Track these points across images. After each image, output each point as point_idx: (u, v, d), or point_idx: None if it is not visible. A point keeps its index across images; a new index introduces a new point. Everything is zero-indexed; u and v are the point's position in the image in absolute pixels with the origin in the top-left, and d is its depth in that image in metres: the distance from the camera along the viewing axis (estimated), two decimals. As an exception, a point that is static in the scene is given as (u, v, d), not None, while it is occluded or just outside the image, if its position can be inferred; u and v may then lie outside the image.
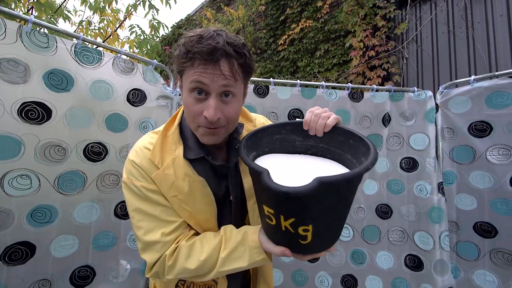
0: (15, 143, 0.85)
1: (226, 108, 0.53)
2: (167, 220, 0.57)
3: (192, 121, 0.55)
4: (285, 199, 0.42)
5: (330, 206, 0.46)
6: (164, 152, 0.59)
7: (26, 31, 0.85)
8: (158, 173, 0.57)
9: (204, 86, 0.51)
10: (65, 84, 0.93)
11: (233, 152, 0.64)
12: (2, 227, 0.86)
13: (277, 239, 0.51)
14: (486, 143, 1.25)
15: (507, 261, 1.22)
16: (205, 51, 0.48)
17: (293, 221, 0.45)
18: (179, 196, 0.57)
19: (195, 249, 0.56)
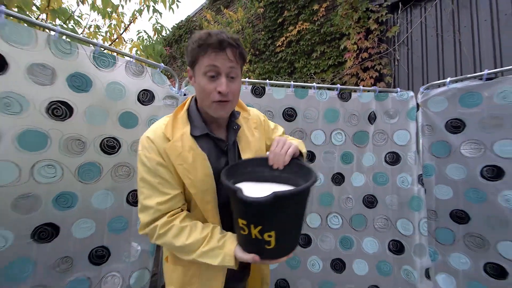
0: (43, 137, 0.98)
1: (232, 85, 0.70)
2: (163, 192, 0.70)
3: (207, 98, 0.70)
4: (252, 208, 0.57)
5: (286, 216, 0.61)
6: (174, 128, 0.73)
7: (53, 39, 0.98)
8: (169, 144, 0.70)
9: (216, 68, 0.67)
10: (85, 85, 1.06)
11: (231, 132, 0.80)
12: (32, 209, 0.99)
13: (248, 247, 0.64)
14: (460, 139, 1.39)
15: (478, 244, 1.36)
16: (216, 42, 0.66)
17: (260, 229, 0.59)
18: (184, 165, 0.70)
19: (184, 232, 0.69)
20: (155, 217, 0.69)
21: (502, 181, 1.27)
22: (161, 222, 0.69)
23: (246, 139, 0.82)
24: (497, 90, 1.26)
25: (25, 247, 0.99)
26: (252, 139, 0.83)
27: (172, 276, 0.80)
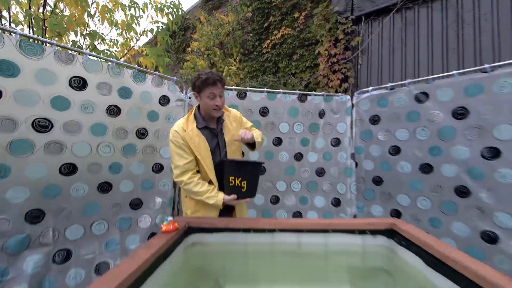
0: (103, 127, 1.57)
1: (221, 100, 1.33)
2: (185, 157, 1.34)
3: (210, 108, 1.32)
4: (240, 166, 1.30)
5: (251, 174, 1.31)
6: (188, 124, 1.36)
7: (111, 67, 1.57)
8: (187, 133, 1.33)
9: (214, 94, 1.30)
10: (128, 94, 1.66)
11: (219, 124, 1.43)
12: (97, 172, 1.60)
13: (233, 191, 1.30)
14: (377, 128, 2.06)
15: (387, 199, 2.05)
16: (212, 82, 1.28)
17: (240, 179, 1.25)
18: (194, 144, 1.33)
19: (199, 185, 1.34)
20: (182, 171, 1.35)
21: (399, 156, 1.95)
22: (186, 177, 1.34)
23: (228, 128, 1.45)
24: (396, 97, 1.92)
25: (94, 195, 1.60)
26: (231, 128, 1.46)
27: (189, 205, 1.44)
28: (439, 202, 1.74)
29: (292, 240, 1.27)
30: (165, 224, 1.08)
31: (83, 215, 1.55)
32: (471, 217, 1.59)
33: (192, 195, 1.38)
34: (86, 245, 1.55)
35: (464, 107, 1.59)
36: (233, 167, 1.32)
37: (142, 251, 0.90)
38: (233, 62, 5.06)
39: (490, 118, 1.48)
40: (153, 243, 0.97)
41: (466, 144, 1.59)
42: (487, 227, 1.52)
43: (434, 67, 3.00)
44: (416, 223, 1.86)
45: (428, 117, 1.76)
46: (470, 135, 1.57)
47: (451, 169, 1.67)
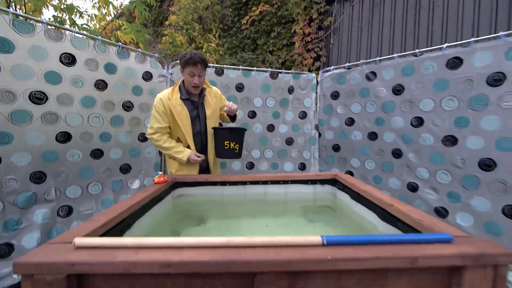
0: (93, 100, 1.75)
1: (200, 79, 1.57)
2: (161, 123, 1.59)
3: (189, 84, 1.57)
4: (234, 132, 1.63)
5: (240, 138, 1.67)
6: (173, 94, 1.60)
7: (96, 44, 1.71)
8: (171, 102, 1.57)
9: (193, 73, 1.54)
10: (114, 69, 1.82)
11: (200, 97, 1.66)
12: (89, 140, 1.80)
13: (227, 153, 1.63)
14: (337, 103, 2.40)
15: (343, 163, 2.46)
16: (192, 62, 1.52)
17: (234, 143, 1.61)
18: (177, 112, 1.58)
19: (167, 142, 1.62)
20: (154, 132, 1.62)
21: (353, 126, 2.32)
22: (156, 136, 1.62)
23: (208, 102, 1.70)
24: (352, 75, 2.24)
25: (88, 160, 1.81)
26: (212, 103, 1.71)
27: (173, 165, 1.71)
28: (380, 163, 2.16)
29: (260, 191, 1.61)
30: (157, 177, 1.36)
31: (79, 177, 1.77)
32: (402, 174, 2.03)
33: (161, 150, 1.68)
34: (85, 203, 1.80)
35: (401, 84, 1.95)
36: (229, 133, 1.60)
37: (140, 193, 1.19)
38: (213, 38, 5.09)
39: (418, 94, 1.86)
40: (148, 188, 1.26)
41: (401, 115, 1.98)
42: (411, 180, 1.96)
43: (394, 47, 3.34)
44: (364, 181, 2.30)
45: (375, 93, 2.11)
46: (404, 107, 1.95)
47: (390, 135, 2.07)
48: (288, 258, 0.58)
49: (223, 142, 1.60)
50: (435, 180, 1.80)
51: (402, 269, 0.62)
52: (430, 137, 1.82)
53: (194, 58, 1.50)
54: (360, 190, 1.25)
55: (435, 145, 1.78)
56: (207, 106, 1.69)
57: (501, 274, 0.62)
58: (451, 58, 1.66)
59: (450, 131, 1.70)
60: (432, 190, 1.83)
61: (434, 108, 1.78)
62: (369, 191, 1.19)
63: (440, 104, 1.74)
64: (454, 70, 1.66)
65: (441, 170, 1.76)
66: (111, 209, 0.96)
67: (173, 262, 0.57)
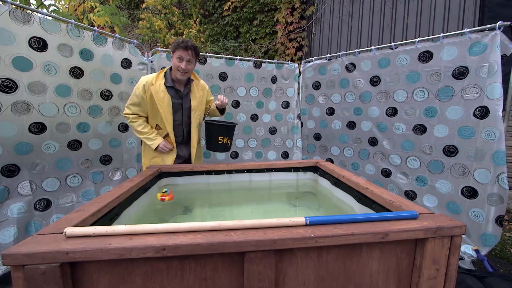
0: (68, 89, 1.67)
1: (189, 66, 1.55)
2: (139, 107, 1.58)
3: (175, 69, 1.54)
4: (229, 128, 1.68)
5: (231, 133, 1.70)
6: (157, 80, 1.56)
7: (70, 28, 1.60)
8: (154, 87, 1.53)
9: (182, 57, 1.51)
10: (89, 56, 1.73)
11: (186, 87, 1.64)
12: (66, 131, 1.72)
13: (220, 147, 1.67)
14: (318, 93, 2.48)
15: (325, 151, 2.57)
16: (184, 46, 1.51)
17: (227, 139, 1.67)
18: (158, 99, 1.54)
19: (142, 125, 1.60)
20: (131, 113, 1.60)
21: (333, 116, 2.42)
22: (133, 116, 1.60)
23: (194, 93, 1.67)
24: (332, 66, 2.32)
25: (65, 152, 1.74)
26: (198, 95, 1.68)
27: (147, 155, 1.68)
28: (358, 150, 2.29)
29: (245, 178, 1.66)
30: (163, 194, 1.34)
31: (57, 169, 1.71)
32: (377, 160, 2.17)
33: (134, 132, 1.65)
34: (64, 195, 1.74)
35: (377, 75, 2.05)
36: (225, 130, 1.64)
37: (127, 183, 1.18)
38: (193, 24, 4.92)
39: (393, 86, 1.97)
40: (134, 179, 1.25)
41: (377, 105, 2.09)
42: (384, 166, 2.11)
43: (372, 39, 3.46)
44: (343, 167, 2.43)
45: (354, 84, 2.21)
46: (380, 98, 2.06)
47: (367, 124, 2.19)
48: (274, 237, 0.64)
49: (217, 138, 1.63)
50: (406, 166, 1.96)
51: (374, 243, 0.70)
52: (402, 126, 1.95)
53: (187, 43, 1.49)
54: (338, 175, 1.34)
55: (406, 133, 1.93)
56: (192, 97, 1.66)
57: (456, 243, 0.73)
58: (422, 52, 1.77)
59: (420, 120, 1.84)
60: (403, 175, 1.99)
61: (406, 99, 1.90)
62: (347, 176, 1.28)
63: (412, 95, 1.87)
64: (425, 63, 1.78)
65: (412, 157, 1.92)
66: (98, 199, 0.96)
67: (168, 246, 0.60)
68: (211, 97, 1.82)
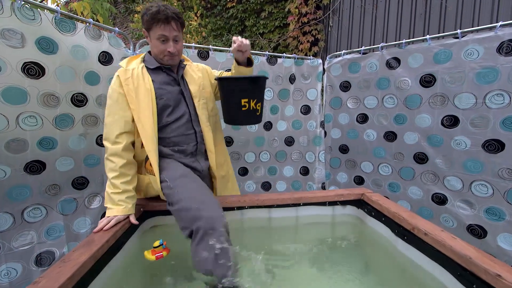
0: (22, 93, 1.22)
1: (177, 46, 1.08)
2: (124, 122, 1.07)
3: (161, 54, 1.06)
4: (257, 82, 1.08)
5: (262, 93, 1.13)
6: (129, 64, 1.11)
7: (17, 7, 1.15)
8: (122, 70, 1.06)
9: (165, 36, 1.03)
10: (52, 48, 1.28)
11: (180, 69, 1.17)
12: (22, 150, 1.27)
13: (247, 117, 1.10)
14: (347, 95, 2.01)
15: (353, 167, 2.10)
16: (163, 18, 0.99)
17: (255, 101, 1.06)
18: (130, 86, 1.04)
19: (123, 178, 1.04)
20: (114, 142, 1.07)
21: (367, 124, 1.95)
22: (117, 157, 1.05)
23: (191, 76, 1.20)
24: (368, 62, 1.84)
25: (21, 178, 1.30)
26: (196, 77, 1.21)
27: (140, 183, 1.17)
28: (399, 168, 1.83)
29: (263, 215, 1.20)
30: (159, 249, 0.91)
31: (9, 201, 1.26)
32: (426, 182, 1.70)
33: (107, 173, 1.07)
34: (20, 235, 1.30)
35: (431, 74, 1.58)
36: (245, 84, 1.06)
37: (100, 236, 0.73)
38: (194, 16, 4.45)
39: (454, 87, 1.50)
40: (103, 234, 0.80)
41: (429, 112, 1.62)
42: (437, 190, 1.64)
43: (402, 32, 2.98)
44: (376, 188, 1.96)
45: (397, 84, 1.74)
46: (434, 103, 1.59)
47: (412, 136, 1.73)
48: None
49: (239, 101, 1.07)
50: (470, 192, 1.50)
51: None
52: (466, 141, 1.48)
53: (165, 12, 0.99)
54: (412, 227, 0.87)
55: (472, 150, 1.46)
56: (190, 81, 1.18)
57: None
58: (506, 41, 1.30)
59: (495, 133, 1.37)
60: (465, 204, 1.53)
61: (474, 105, 1.44)
62: (429, 231, 0.81)
63: (484, 100, 1.40)
64: (509, 56, 1.30)
65: (479, 181, 1.45)
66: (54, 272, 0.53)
67: None
68: (216, 73, 1.34)
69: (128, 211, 1.01)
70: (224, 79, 1.11)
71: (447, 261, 0.73)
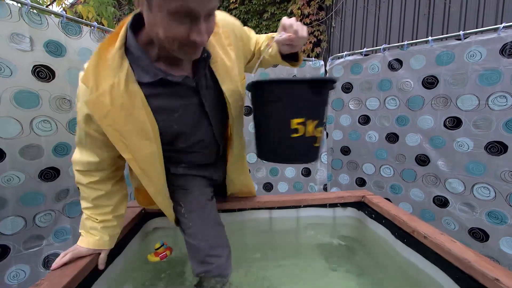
0: (35, 96, 1.25)
1: (210, 25, 0.51)
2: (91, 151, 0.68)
3: (172, 43, 0.50)
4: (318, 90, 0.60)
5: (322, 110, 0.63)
6: (99, 76, 0.55)
7: (25, 12, 1.18)
8: (91, 98, 0.55)
9: (191, 11, 0.45)
10: (60, 51, 1.31)
11: (201, 64, 0.62)
12: (37, 156, 1.30)
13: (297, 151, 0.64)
14: (349, 97, 2.01)
15: (355, 168, 2.11)
16: None
17: (317, 123, 0.61)
18: (114, 126, 0.57)
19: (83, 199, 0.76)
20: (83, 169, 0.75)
21: (368, 125, 1.96)
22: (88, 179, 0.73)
23: (224, 64, 0.65)
24: (370, 63, 1.85)
25: (35, 184, 1.31)
26: (230, 64, 0.66)
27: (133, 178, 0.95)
28: (400, 170, 1.83)
29: (264, 216, 1.22)
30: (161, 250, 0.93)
31: (22, 206, 1.28)
32: (427, 184, 1.70)
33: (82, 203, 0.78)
34: (29, 238, 1.33)
35: (434, 75, 1.58)
36: (305, 96, 0.62)
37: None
38: (197, 18, 4.48)
39: (457, 89, 1.50)
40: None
41: (431, 114, 1.62)
42: (439, 193, 1.64)
43: (405, 33, 2.97)
44: (378, 189, 1.97)
45: (399, 86, 1.74)
46: (437, 104, 1.59)
47: (414, 138, 1.72)
48: None
49: (287, 121, 0.63)
50: (472, 195, 1.49)
51: None
52: (468, 142, 1.48)
53: None
54: (412, 230, 0.88)
55: (474, 152, 1.46)
56: (223, 75, 0.67)
57: None
58: (509, 43, 1.29)
59: (497, 135, 1.37)
60: (467, 207, 1.52)
61: (477, 106, 1.43)
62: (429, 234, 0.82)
63: (487, 102, 1.40)
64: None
65: (481, 184, 1.45)
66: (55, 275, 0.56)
67: None
68: (251, 38, 0.83)
69: (102, 245, 0.73)
70: (262, 84, 0.66)
71: (446, 264, 0.74)
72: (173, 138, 0.71)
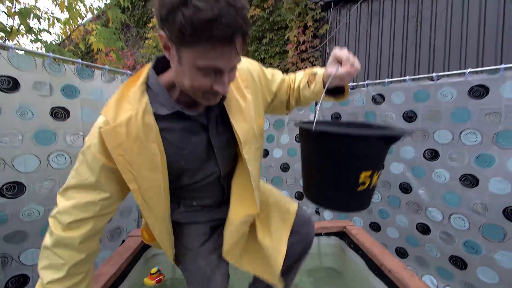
0: (51, 134, 1.41)
1: (232, 76, 0.55)
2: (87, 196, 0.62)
3: (196, 91, 0.54)
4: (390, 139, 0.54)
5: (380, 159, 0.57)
6: (119, 110, 0.57)
7: (47, 63, 1.37)
8: (107, 128, 0.56)
9: (218, 68, 0.50)
10: (74, 93, 1.49)
11: (213, 106, 0.64)
12: (53, 190, 1.44)
13: (358, 201, 0.59)
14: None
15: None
16: (225, 35, 0.44)
17: (379, 174, 0.55)
18: (126, 156, 0.58)
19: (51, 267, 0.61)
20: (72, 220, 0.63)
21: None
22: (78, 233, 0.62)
23: (237, 104, 0.65)
24: (356, 96, 2.00)
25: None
26: (244, 104, 0.66)
27: None
28: (387, 196, 1.94)
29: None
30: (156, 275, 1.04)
31: (41, 238, 1.41)
32: (410, 212, 1.80)
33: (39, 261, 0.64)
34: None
35: (413, 110, 1.72)
36: (376, 149, 0.57)
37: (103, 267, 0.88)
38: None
39: (433, 123, 1.63)
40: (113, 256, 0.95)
41: (412, 145, 1.75)
42: (420, 220, 1.74)
43: (394, 60, 3.15)
44: (367, 214, 2.07)
45: (382, 118, 1.88)
46: (416, 137, 1.72)
47: (398, 166, 1.84)
48: None
49: (355, 174, 0.56)
50: (449, 225, 1.59)
51: None
52: (445, 174, 1.60)
53: (230, 24, 0.44)
54: (380, 263, 0.99)
55: (451, 183, 1.57)
56: (235, 114, 0.66)
57: None
58: (475, 86, 1.44)
59: (470, 169, 1.48)
60: (446, 236, 1.62)
61: (451, 140, 1.56)
62: (391, 267, 0.93)
63: (460, 137, 1.52)
64: (478, 99, 1.44)
65: (457, 214, 1.55)
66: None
67: None
68: (275, 82, 0.78)
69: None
70: (325, 135, 0.58)
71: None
72: (179, 174, 0.71)
